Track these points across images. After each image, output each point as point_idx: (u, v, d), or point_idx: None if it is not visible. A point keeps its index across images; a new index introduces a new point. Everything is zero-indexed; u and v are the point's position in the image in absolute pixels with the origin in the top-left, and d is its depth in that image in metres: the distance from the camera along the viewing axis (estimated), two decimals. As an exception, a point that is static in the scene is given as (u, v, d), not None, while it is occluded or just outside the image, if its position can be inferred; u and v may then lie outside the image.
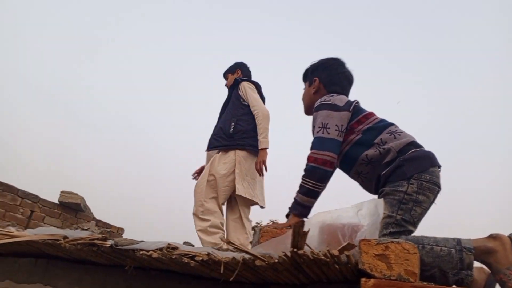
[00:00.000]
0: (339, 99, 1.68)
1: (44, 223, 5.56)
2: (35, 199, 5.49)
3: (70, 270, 1.46)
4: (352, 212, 1.02)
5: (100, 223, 6.73)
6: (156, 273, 1.32)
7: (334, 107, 1.65)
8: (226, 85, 3.24)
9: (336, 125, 1.61)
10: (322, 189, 1.69)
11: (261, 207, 2.87)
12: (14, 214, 5.22)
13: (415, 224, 1.43)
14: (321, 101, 1.70)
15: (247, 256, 0.99)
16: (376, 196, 1.60)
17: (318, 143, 1.63)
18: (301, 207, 1.65)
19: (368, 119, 1.67)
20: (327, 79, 1.85)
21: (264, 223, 16.17)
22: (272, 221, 16.44)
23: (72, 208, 6.08)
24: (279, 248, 1.01)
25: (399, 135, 1.58)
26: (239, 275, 1.09)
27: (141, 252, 1.12)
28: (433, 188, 1.45)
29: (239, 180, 2.69)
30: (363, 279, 0.86)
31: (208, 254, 1.02)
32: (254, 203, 2.79)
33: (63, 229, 2.82)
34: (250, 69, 3.33)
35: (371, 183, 1.63)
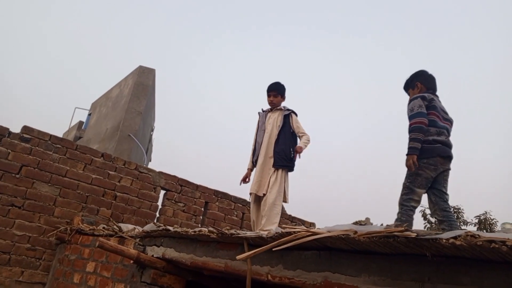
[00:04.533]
0: None
1: (252, 223, 6.42)
2: (244, 203, 6.36)
3: (354, 260, 1.74)
4: None
5: (295, 220, 7.36)
6: (442, 259, 1.47)
7: None
8: (273, 102, 4.05)
9: None
10: None
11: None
12: (231, 217, 6.17)
13: None
14: None
15: None
16: None
17: None
18: None
19: None
20: None
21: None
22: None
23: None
24: None
25: None
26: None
27: (444, 241, 1.28)
28: None
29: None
30: None
31: (523, 238, 1.11)
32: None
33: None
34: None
35: None
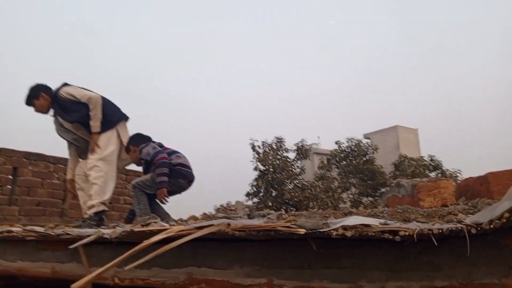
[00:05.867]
0: None
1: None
2: (67, 163, 5.44)
3: (224, 250, 1.49)
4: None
5: (130, 173, 6.79)
6: (322, 241, 1.34)
7: None
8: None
9: None
10: None
11: None
12: (51, 181, 5.22)
13: None
14: None
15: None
16: None
17: None
18: None
19: None
20: None
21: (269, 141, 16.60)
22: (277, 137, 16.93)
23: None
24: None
25: None
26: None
27: (336, 232, 1.12)
28: None
29: None
30: None
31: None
32: None
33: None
34: None
35: None
